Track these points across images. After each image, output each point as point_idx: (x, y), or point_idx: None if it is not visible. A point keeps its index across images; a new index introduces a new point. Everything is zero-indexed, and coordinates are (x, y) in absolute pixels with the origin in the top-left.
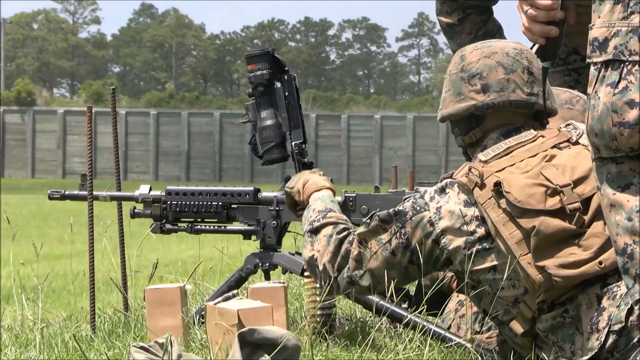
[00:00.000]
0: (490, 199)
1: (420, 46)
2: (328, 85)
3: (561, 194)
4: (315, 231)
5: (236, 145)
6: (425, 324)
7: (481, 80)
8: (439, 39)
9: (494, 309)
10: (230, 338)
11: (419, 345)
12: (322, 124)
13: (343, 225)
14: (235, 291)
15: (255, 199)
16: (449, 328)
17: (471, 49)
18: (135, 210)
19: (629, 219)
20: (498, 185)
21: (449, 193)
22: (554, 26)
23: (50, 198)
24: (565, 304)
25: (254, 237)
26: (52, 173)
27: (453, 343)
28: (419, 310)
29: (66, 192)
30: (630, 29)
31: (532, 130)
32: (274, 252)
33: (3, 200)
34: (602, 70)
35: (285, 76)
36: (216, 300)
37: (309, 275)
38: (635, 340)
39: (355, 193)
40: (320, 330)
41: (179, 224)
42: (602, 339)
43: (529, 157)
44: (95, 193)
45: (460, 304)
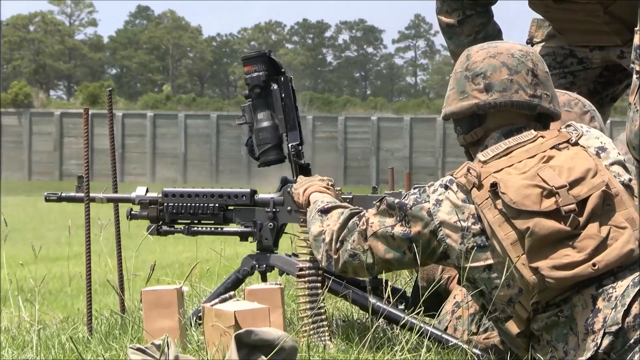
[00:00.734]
0: (487, 199)
1: (416, 48)
2: (325, 87)
3: (557, 195)
4: (326, 211)
5: (233, 147)
6: (422, 325)
7: (485, 80)
8: (435, 40)
9: (492, 305)
10: (227, 339)
11: (416, 347)
12: (319, 125)
13: (354, 207)
14: (232, 293)
15: (252, 200)
16: (445, 329)
17: (477, 48)
18: (132, 212)
19: None
20: (494, 186)
21: (449, 190)
22: None
23: (47, 200)
24: (560, 305)
25: (250, 239)
26: (49, 175)
27: (450, 344)
28: (415, 311)
29: (63, 194)
30: None
31: (533, 131)
32: (271, 254)
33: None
34: None
35: (282, 78)
36: (213, 302)
37: (302, 276)
38: (632, 341)
39: (352, 194)
40: (312, 332)
41: (176, 226)
42: (598, 340)
43: (528, 158)
44: (91, 195)
45: (457, 306)
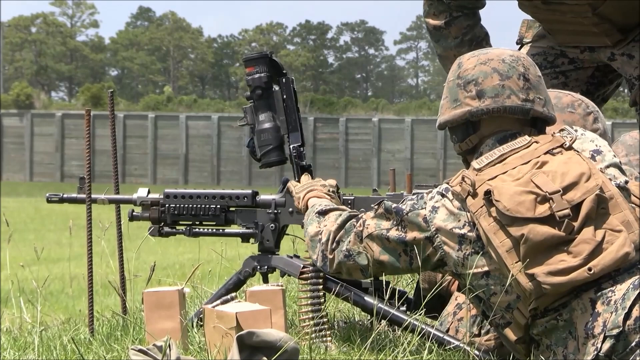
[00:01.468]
0: (481, 207)
1: (418, 49)
2: (326, 88)
3: (550, 200)
4: (323, 212)
5: (234, 148)
6: (423, 327)
7: (476, 87)
8: None
9: (491, 311)
10: (228, 341)
11: (418, 349)
12: (320, 126)
13: (352, 210)
14: (233, 294)
15: (253, 201)
16: (447, 331)
17: (468, 56)
18: (134, 213)
19: None
20: (488, 194)
21: (445, 198)
22: None
23: (49, 201)
24: (558, 309)
25: (252, 240)
26: (50, 176)
27: (451, 346)
28: (417, 313)
29: (64, 195)
30: None
31: (527, 136)
32: (272, 255)
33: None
34: None
35: (283, 79)
36: (214, 303)
37: (304, 278)
38: (634, 343)
39: (353, 196)
40: (314, 334)
41: (177, 227)
42: (599, 344)
43: (522, 164)
44: (93, 196)
45: (459, 307)
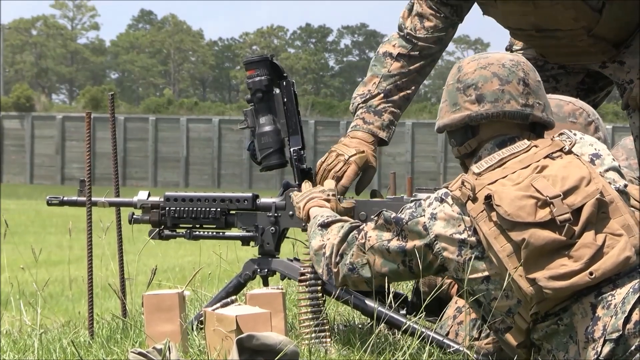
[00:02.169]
0: (482, 212)
1: None
2: (327, 92)
3: (551, 205)
4: (326, 225)
5: (235, 151)
6: (423, 330)
7: (476, 91)
8: None
9: (491, 316)
10: (228, 344)
11: (417, 352)
12: (321, 130)
13: (354, 221)
14: (233, 297)
15: (253, 205)
16: (447, 334)
17: (469, 60)
18: (134, 216)
19: None
20: (489, 198)
21: (444, 203)
22: None
23: (49, 204)
24: (559, 314)
25: (252, 243)
26: (51, 179)
27: (451, 349)
28: (417, 316)
29: (65, 198)
30: None
31: (526, 141)
32: (273, 258)
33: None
34: None
35: (284, 82)
36: (214, 306)
37: (303, 281)
38: (633, 347)
39: (354, 199)
40: (314, 337)
41: (178, 230)
42: (599, 348)
43: (521, 169)
44: (93, 199)
45: (459, 311)
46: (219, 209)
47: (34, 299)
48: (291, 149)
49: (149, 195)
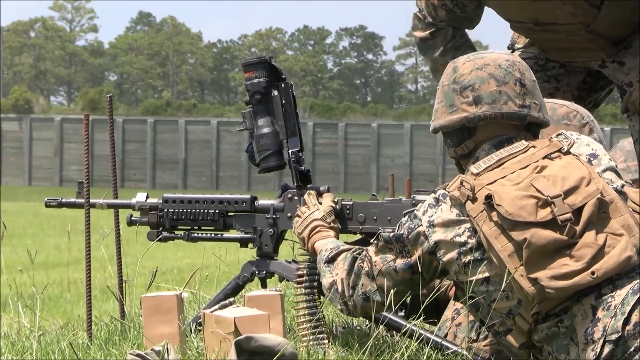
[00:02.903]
0: (482, 212)
1: (417, 55)
2: (325, 94)
3: (552, 205)
4: (331, 260)
5: (233, 153)
6: (422, 332)
7: (473, 92)
8: None
9: (490, 319)
10: (227, 346)
11: (416, 354)
12: (320, 132)
13: (356, 247)
14: (232, 299)
15: (252, 206)
16: (445, 336)
17: (464, 60)
18: (132, 217)
19: None
20: (489, 198)
21: (441, 205)
22: None
23: (47, 206)
24: (559, 315)
25: (250, 245)
26: (49, 181)
27: (450, 351)
28: (416, 318)
29: (63, 200)
30: None
31: (524, 141)
32: (271, 260)
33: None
34: None
35: (283, 84)
36: (213, 308)
37: (299, 282)
38: (633, 349)
39: (352, 201)
40: (312, 339)
41: (176, 232)
42: (598, 350)
43: (520, 169)
44: (92, 201)
45: (457, 313)
46: (217, 211)
47: (32, 301)
48: (290, 151)
49: (148, 197)
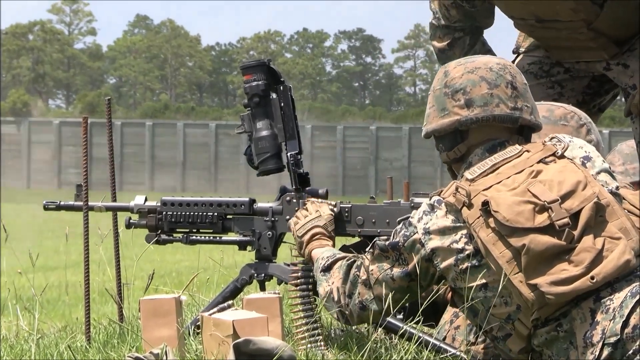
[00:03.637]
0: (478, 218)
1: (416, 57)
2: (324, 97)
3: (549, 210)
4: (327, 269)
5: (232, 156)
6: (420, 335)
7: (465, 96)
8: None
9: (488, 324)
10: (225, 349)
11: (414, 357)
12: (318, 135)
13: (352, 255)
14: (230, 302)
15: (250, 209)
16: (444, 339)
17: (455, 64)
18: (131, 220)
19: None
20: (486, 204)
21: (436, 212)
22: None
23: (46, 208)
24: (559, 319)
25: (249, 248)
26: (48, 183)
27: (448, 354)
28: (414, 321)
29: (61, 203)
30: None
31: (517, 145)
32: (270, 263)
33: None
34: None
35: (281, 87)
36: (211, 311)
37: (295, 284)
38: (631, 351)
39: (351, 204)
40: (310, 341)
41: (175, 235)
42: (597, 352)
43: (515, 174)
44: (90, 204)
45: (456, 316)
46: (216, 214)
47: (30, 304)
48: (288, 154)
49: (146, 199)
